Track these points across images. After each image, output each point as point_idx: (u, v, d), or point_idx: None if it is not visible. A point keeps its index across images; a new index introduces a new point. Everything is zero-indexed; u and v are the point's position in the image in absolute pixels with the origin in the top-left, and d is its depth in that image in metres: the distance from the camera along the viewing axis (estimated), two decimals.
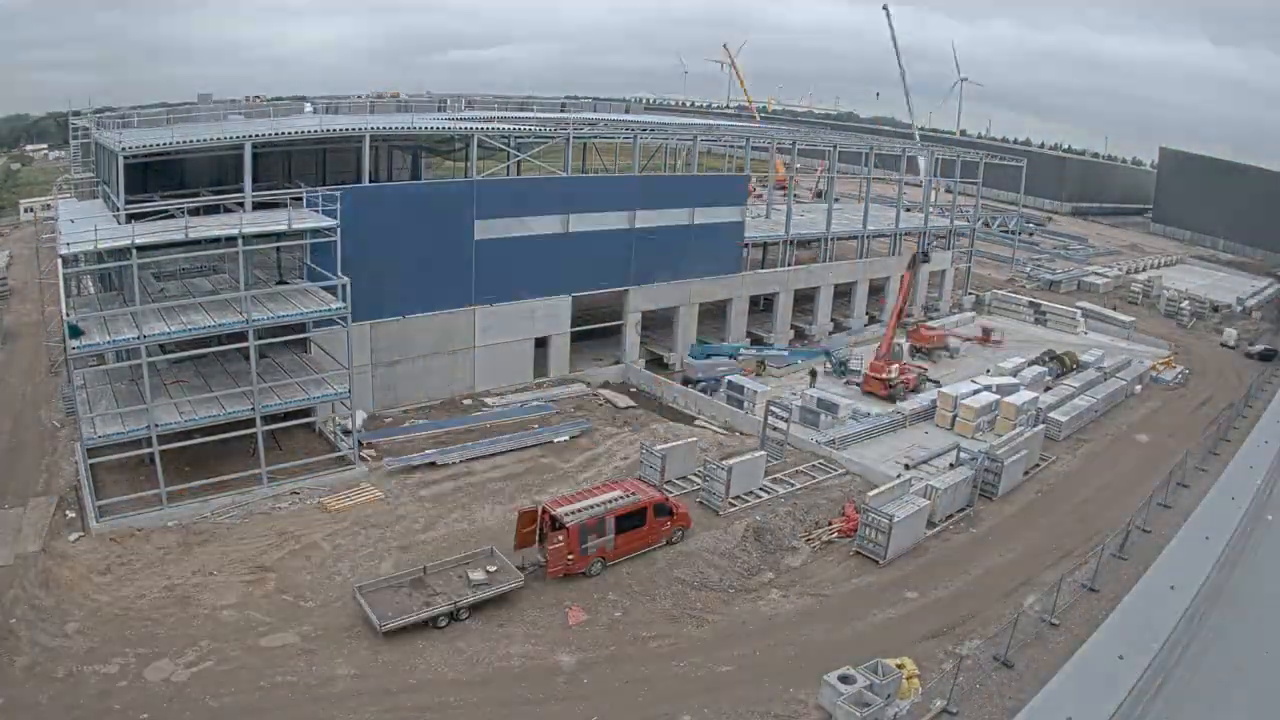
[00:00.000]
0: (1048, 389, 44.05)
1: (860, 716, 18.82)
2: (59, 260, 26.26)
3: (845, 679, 19.92)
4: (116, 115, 38.51)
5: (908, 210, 61.99)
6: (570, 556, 24.63)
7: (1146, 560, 24.13)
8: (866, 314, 55.48)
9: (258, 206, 30.89)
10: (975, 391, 40.18)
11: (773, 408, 35.24)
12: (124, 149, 28.77)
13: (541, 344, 40.95)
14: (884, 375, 42.43)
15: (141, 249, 26.31)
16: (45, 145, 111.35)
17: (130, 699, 19.28)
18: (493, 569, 24.08)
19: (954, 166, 63.45)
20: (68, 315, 26.64)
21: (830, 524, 29.28)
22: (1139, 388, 46.92)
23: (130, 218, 28.31)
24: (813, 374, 44.93)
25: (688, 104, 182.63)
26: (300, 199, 31.28)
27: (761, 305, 51.37)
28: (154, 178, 35.74)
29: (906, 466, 34.17)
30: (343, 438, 31.68)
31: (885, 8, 44.13)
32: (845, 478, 33.41)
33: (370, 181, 35.83)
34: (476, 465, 31.96)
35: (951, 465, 33.74)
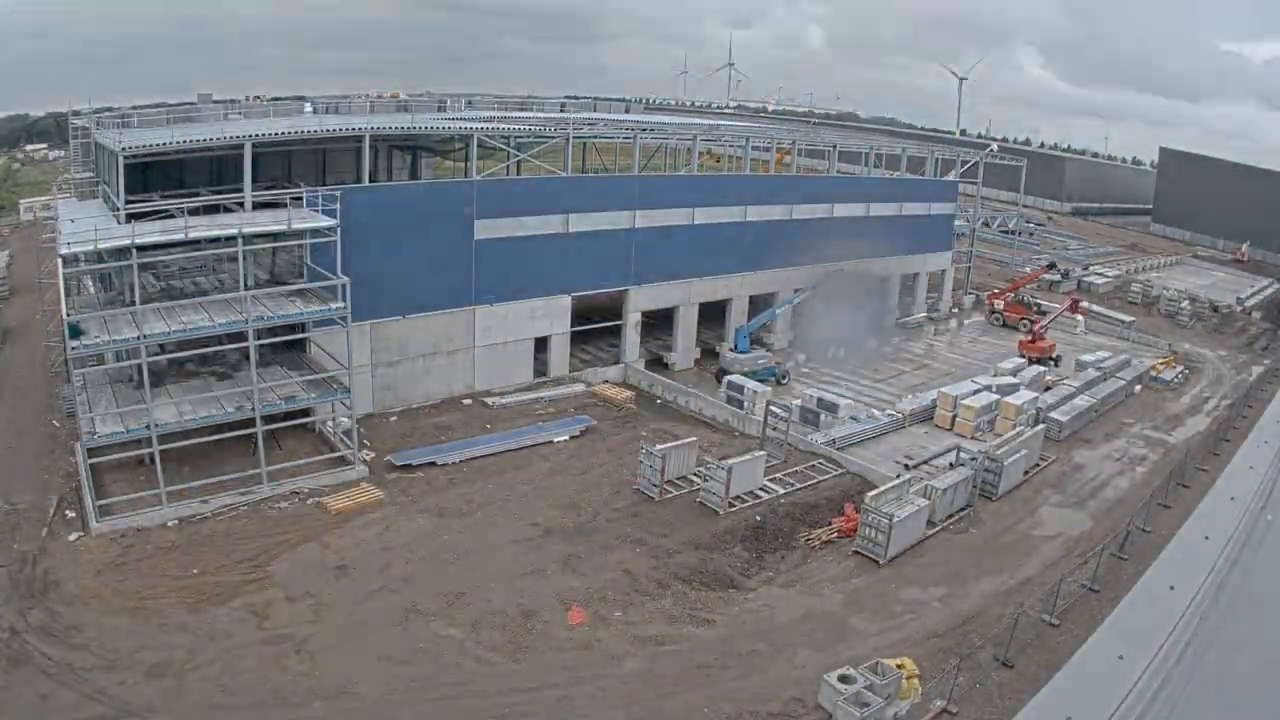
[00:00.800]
0: (1047, 389, 44.08)
1: (860, 716, 18.83)
2: (59, 260, 26.28)
3: (845, 679, 19.93)
4: (116, 115, 38.50)
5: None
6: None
7: (1146, 560, 24.12)
8: None
9: (258, 206, 30.88)
10: (975, 391, 40.20)
11: (773, 408, 35.26)
12: (124, 149, 28.76)
13: (541, 344, 40.94)
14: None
15: (141, 249, 26.31)
16: (45, 145, 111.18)
17: (131, 698, 19.28)
18: None
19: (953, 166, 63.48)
20: (68, 315, 26.66)
21: (830, 524, 29.29)
22: (1138, 388, 46.93)
23: (130, 217, 28.31)
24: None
25: (688, 104, 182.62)
26: (300, 199, 31.29)
27: (762, 305, 51.27)
28: (154, 178, 35.76)
29: (906, 467, 34.21)
30: (343, 438, 31.69)
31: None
32: (845, 478, 33.44)
33: (370, 181, 35.84)
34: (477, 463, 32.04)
35: (951, 465, 33.74)
